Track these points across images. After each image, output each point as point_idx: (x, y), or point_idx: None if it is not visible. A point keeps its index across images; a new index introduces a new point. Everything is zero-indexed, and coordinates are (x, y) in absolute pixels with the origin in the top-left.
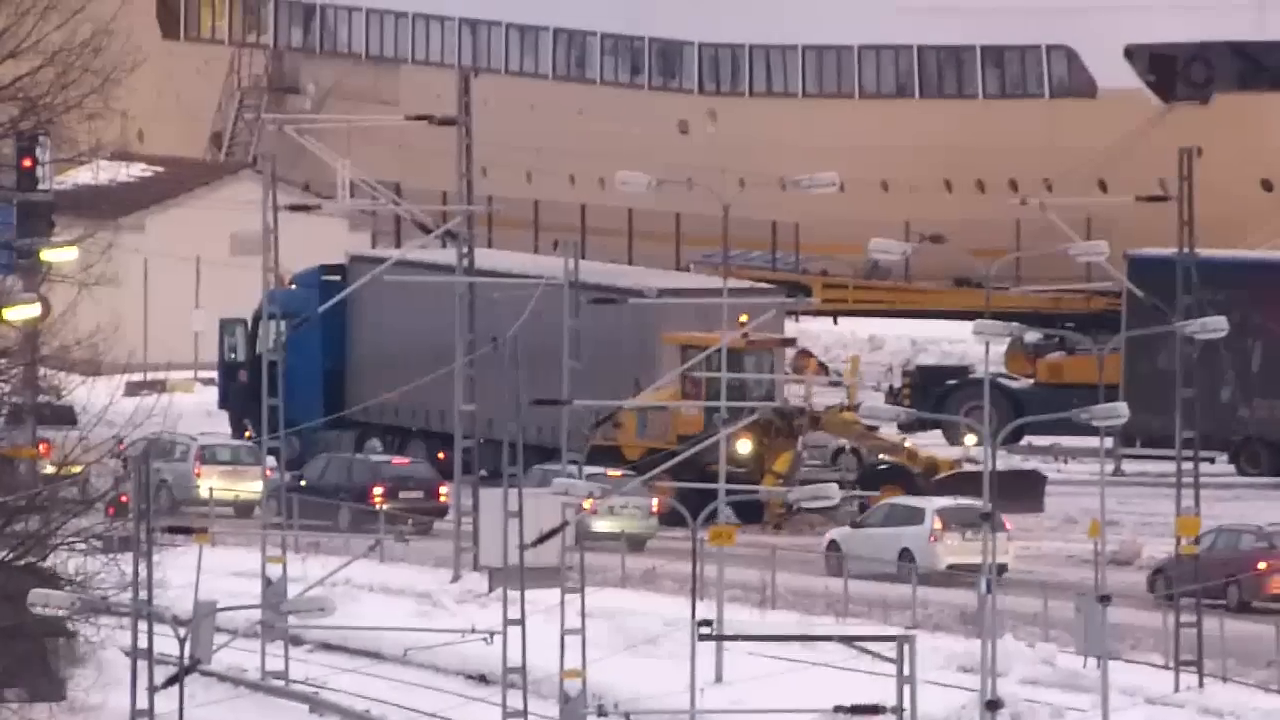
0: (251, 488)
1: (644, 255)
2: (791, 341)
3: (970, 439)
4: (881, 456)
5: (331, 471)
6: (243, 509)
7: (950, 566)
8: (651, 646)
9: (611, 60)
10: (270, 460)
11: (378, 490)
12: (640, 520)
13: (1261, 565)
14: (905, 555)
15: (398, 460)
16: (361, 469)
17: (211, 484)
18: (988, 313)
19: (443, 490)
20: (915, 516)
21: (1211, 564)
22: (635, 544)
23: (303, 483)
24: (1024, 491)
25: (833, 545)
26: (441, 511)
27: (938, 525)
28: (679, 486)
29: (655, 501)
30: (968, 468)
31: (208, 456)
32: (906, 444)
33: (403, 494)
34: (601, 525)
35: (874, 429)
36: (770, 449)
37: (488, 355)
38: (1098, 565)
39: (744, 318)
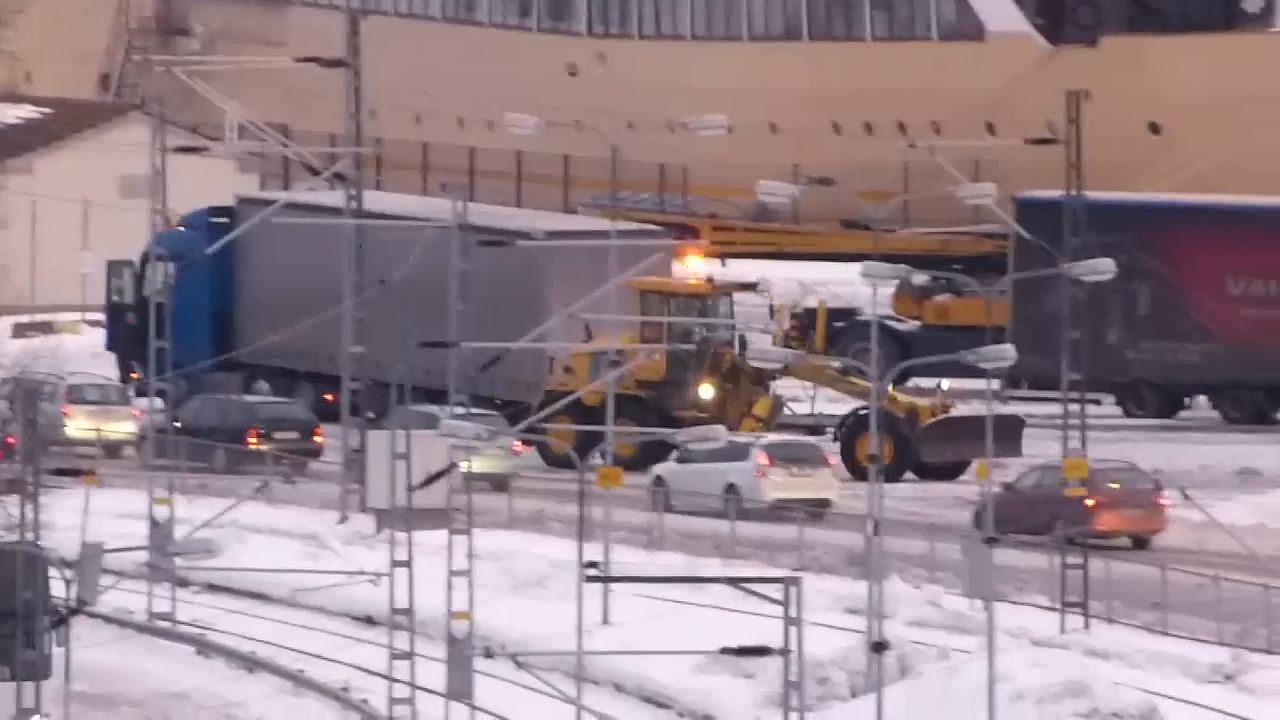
0: (120, 428)
1: (532, 198)
2: (753, 286)
3: (945, 384)
4: (860, 402)
5: (206, 413)
6: (111, 449)
7: (777, 501)
8: (539, 588)
9: (500, 2)
10: (147, 402)
11: (253, 432)
12: (503, 460)
13: (1089, 502)
14: (731, 490)
15: (273, 400)
16: (236, 410)
17: (80, 424)
18: (875, 255)
19: (318, 431)
20: (741, 452)
21: (1036, 501)
22: (499, 484)
23: (177, 424)
24: (1004, 435)
25: (658, 481)
26: (316, 452)
27: (763, 461)
28: (644, 432)
29: (517, 442)
30: (954, 413)
31: (75, 396)
32: (890, 389)
33: (278, 435)
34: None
35: (846, 374)
36: (735, 395)
37: (376, 297)
38: (985, 507)
39: (688, 261)
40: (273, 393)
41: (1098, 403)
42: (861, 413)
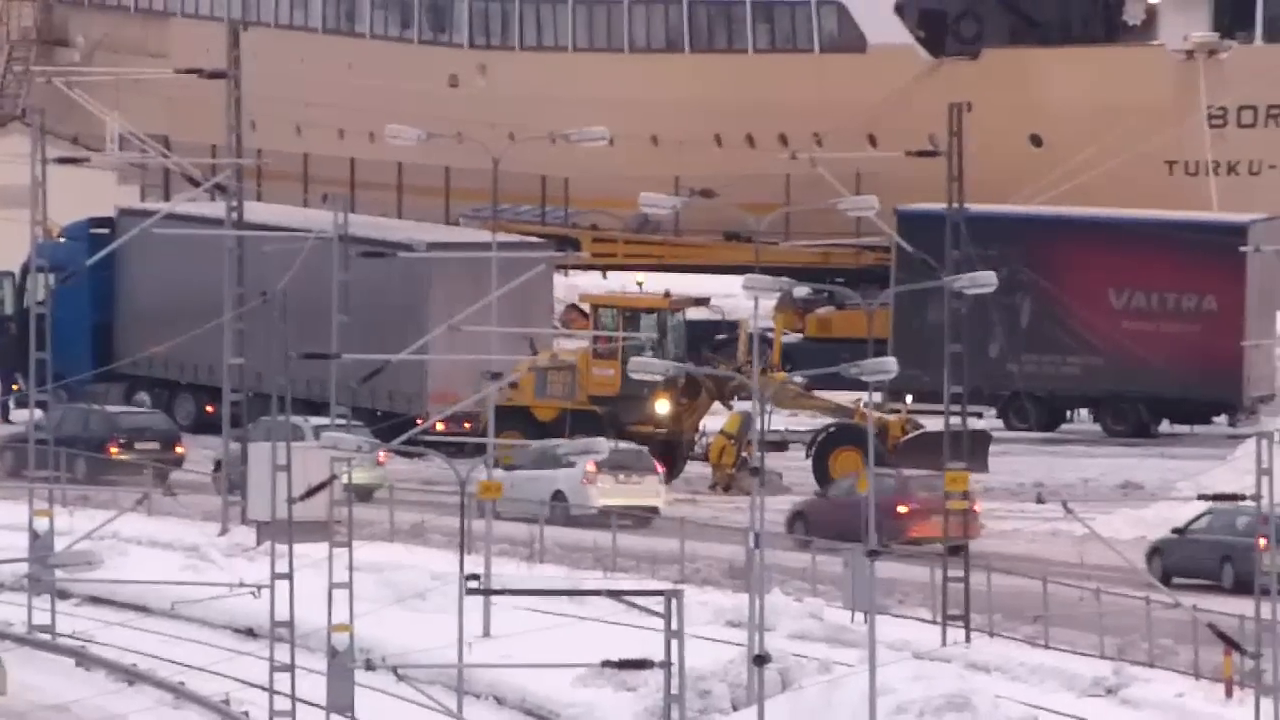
0: None
1: (413, 209)
2: (705, 301)
3: (908, 399)
4: (830, 419)
5: (68, 423)
6: None
7: (604, 508)
8: (420, 601)
9: (381, 14)
10: (27, 413)
11: (114, 442)
12: (368, 471)
13: (901, 509)
14: (558, 497)
15: (135, 411)
16: (98, 420)
17: None
18: (757, 267)
19: (179, 442)
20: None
21: (846, 508)
22: (363, 495)
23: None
24: (973, 450)
25: None
26: (178, 463)
27: (591, 468)
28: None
29: (381, 453)
30: (927, 429)
31: None
32: (860, 404)
33: (139, 445)
34: None
35: (813, 390)
36: (692, 409)
37: (257, 309)
38: (866, 520)
39: (640, 279)
40: (153, 404)
41: (979, 415)
42: (830, 430)
